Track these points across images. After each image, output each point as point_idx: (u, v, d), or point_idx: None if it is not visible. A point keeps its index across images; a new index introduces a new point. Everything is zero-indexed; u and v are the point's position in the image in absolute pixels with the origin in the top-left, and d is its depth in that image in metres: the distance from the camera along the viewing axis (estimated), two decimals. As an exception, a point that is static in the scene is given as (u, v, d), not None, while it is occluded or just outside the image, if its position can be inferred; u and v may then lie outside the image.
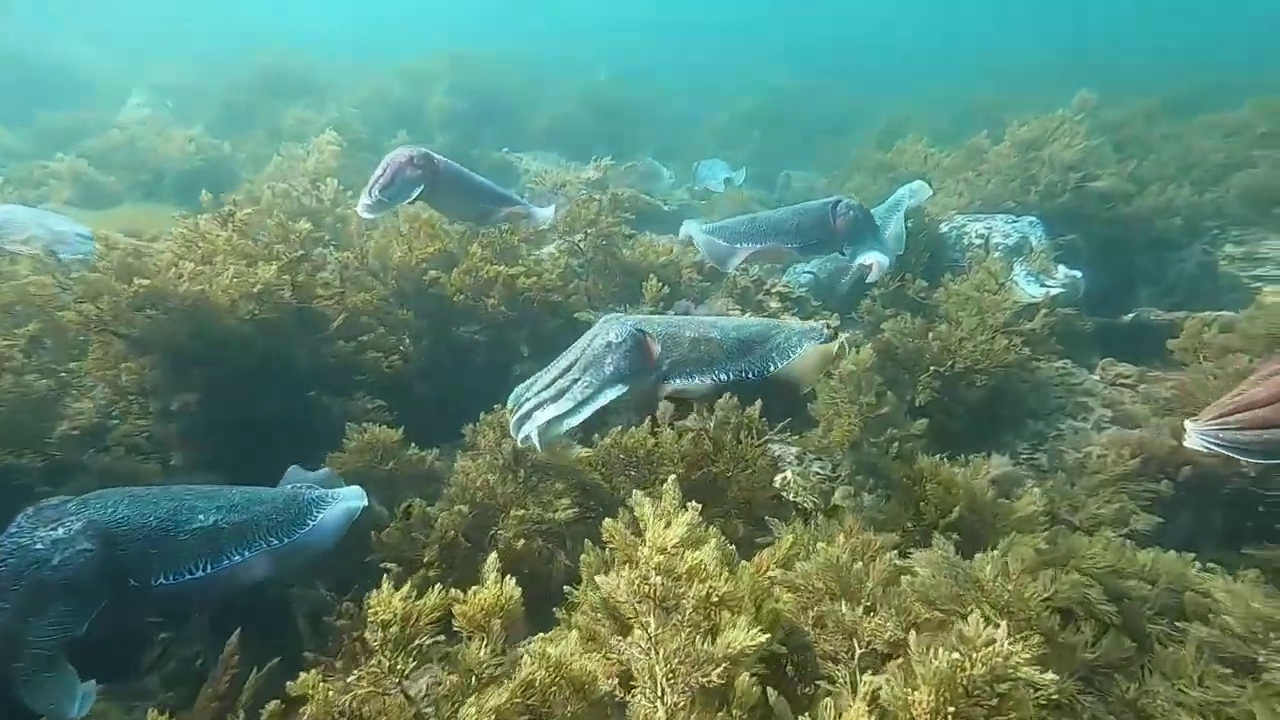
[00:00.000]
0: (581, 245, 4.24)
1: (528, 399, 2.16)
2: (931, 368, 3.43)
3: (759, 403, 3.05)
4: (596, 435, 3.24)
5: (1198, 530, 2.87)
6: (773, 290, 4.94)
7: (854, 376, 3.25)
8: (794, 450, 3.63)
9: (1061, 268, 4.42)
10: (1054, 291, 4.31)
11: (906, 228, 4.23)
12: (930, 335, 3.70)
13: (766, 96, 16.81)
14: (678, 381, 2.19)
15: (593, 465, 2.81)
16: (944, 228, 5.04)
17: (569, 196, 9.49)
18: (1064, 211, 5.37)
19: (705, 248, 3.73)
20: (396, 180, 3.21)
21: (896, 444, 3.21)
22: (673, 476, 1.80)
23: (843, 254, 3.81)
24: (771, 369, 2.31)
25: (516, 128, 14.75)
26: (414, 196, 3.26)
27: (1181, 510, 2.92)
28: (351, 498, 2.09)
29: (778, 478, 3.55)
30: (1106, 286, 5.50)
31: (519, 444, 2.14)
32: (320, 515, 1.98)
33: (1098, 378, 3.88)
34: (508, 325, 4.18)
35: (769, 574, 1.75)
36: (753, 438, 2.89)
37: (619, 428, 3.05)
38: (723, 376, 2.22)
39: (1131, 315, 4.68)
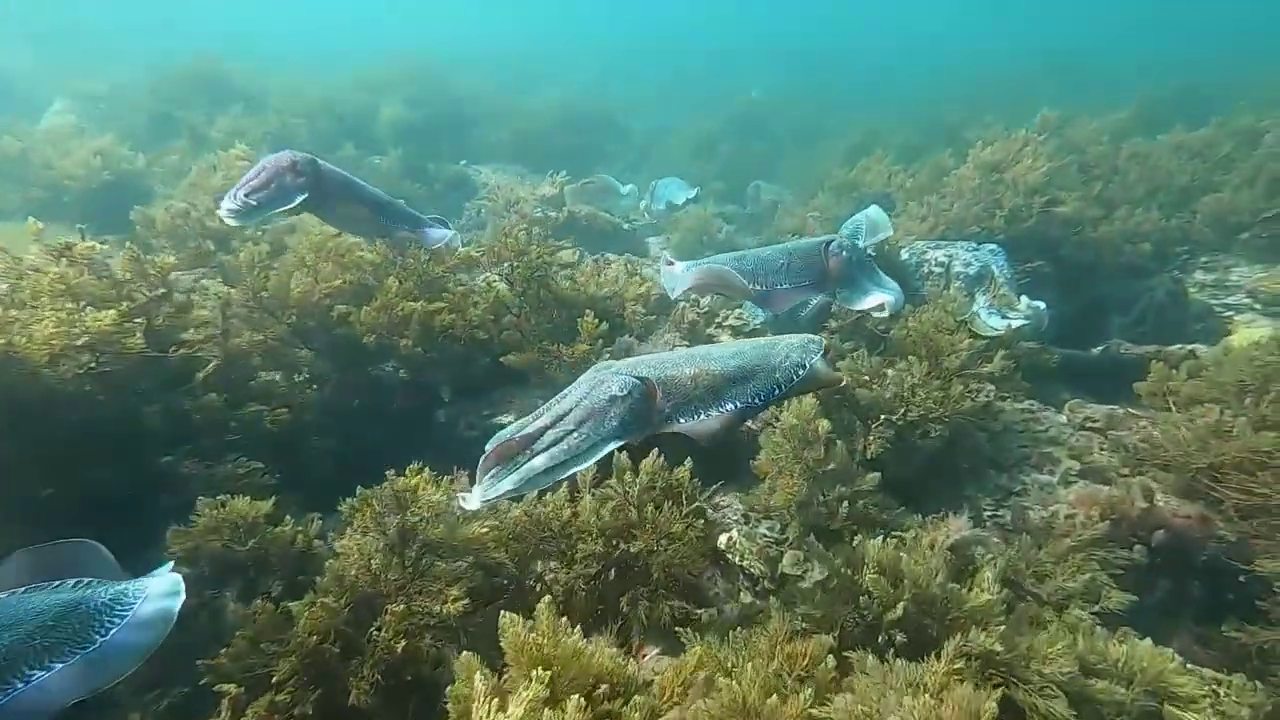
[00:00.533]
0: (511, 277, 3.95)
1: (510, 440, 1.95)
2: (883, 416, 3.22)
3: (689, 462, 2.80)
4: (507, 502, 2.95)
5: (1175, 600, 2.68)
6: (724, 323, 4.72)
7: (797, 430, 3.02)
8: (740, 507, 3.37)
9: (1024, 298, 4.29)
10: (1016, 324, 4.16)
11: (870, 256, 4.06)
12: (890, 373, 3.51)
13: (741, 108, 16.89)
14: (682, 421, 2.09)
15: (499, 541, 2.50)
16: (905, 254, 4.89)
17: (521, 214, 9.25)
18: (1030, 236, 5.29)
19: (679, 284, 3.57)
20: (273, 186, 2.92)
21: (846, 504, 2.98)
22: (547, 599, 1.51)
23: (834, 297, 3.65)
24: (777, 393, 2.21)
25: (478, 140, 14.52)
26: (292, 206, 2.97)
27: (1158, 578, 2.73)
28: (159, 595, 1.70)
29: (722, 537, 3.29)
30: (1076, 314, 5.43)
31: (472, 504, 1.86)
32: (114, 627, 1.60)
33: (1065, 419, 3.72)
34: (427, 366, 3.87)
35: (668, 714, 1.47)
36: (680, 505, 2.62)
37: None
38: (729, 407, 2.12)
39: (1101, 348, 4.57)
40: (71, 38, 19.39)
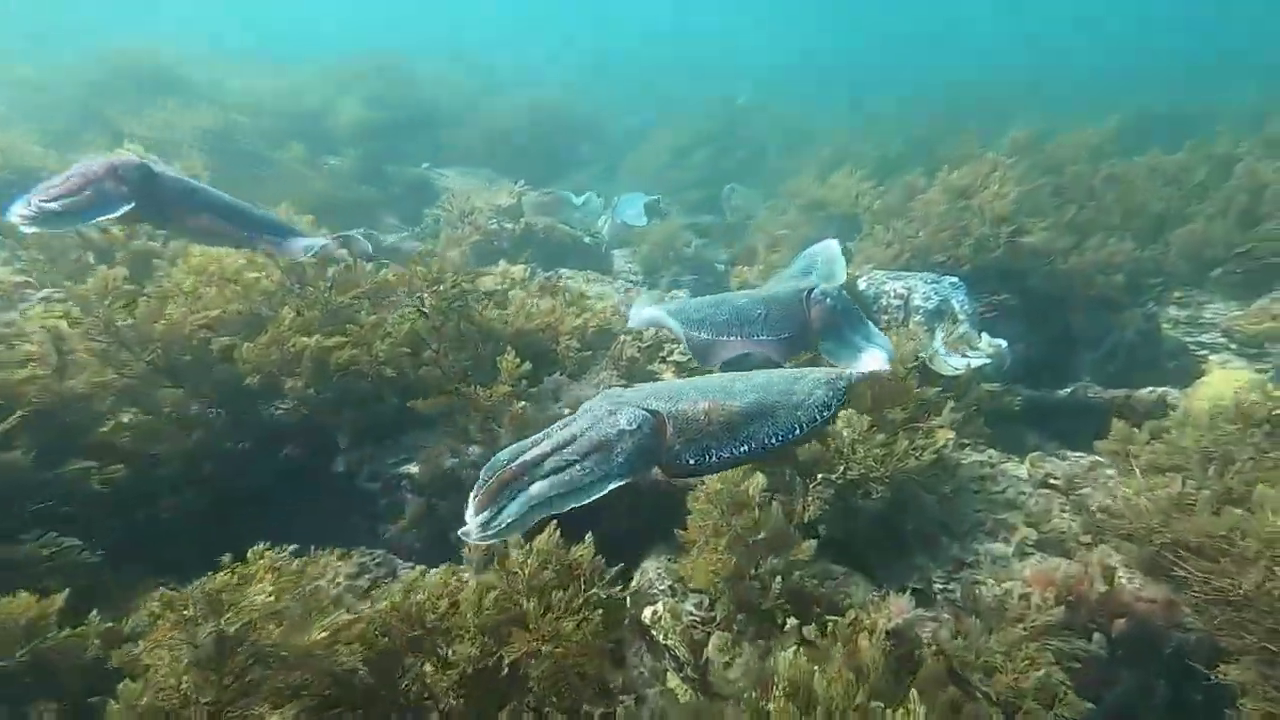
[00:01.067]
0: (424, 308, 3.62)
1: (509, 467, 1.85)
2: (820, 475, 2.95)
3: (589, 538, 2.49)
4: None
5: (1140, 700, 2.44)
6: (669, 358, 4.43)
7: (723, 495, 2.73)
8: (668, 579, 3.06)
9: (984, 336, 4.09)
10: (976, 363, 3.95)
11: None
12: (839, 420, 3.26)
13: (726, 113, 16.76)
14: (691, 461, 2.00)
15: (362, 641, 2.16)
16: (862, 284, 4.67)
17: (475, 225, 8.90)
18: (997, 267, 5.11)
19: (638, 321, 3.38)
20: (87, 193, 2.63)
21: (779, 578, 2.70)
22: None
23: (818, 351, 3.40)
24: (798, 433, 2.09)
25: (445, 141, 14.15)
26: (114, 217, 2.70)
27: (1120, 671, 2.48)
28: None
29: (648, 610, 3.00)
30: (1044, 351, 5.26)
31: (476, 534, 1.75)
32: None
33: (1025, 474, 3.49)
34: (324, 408, 3.51)
35: None
36: (579, 590, 2.31)
37: (400, 582, 2.44)
38: (743, 449, 2.02)
39: (1068, 391, 4.39)
40: (71, 35, 18.83)
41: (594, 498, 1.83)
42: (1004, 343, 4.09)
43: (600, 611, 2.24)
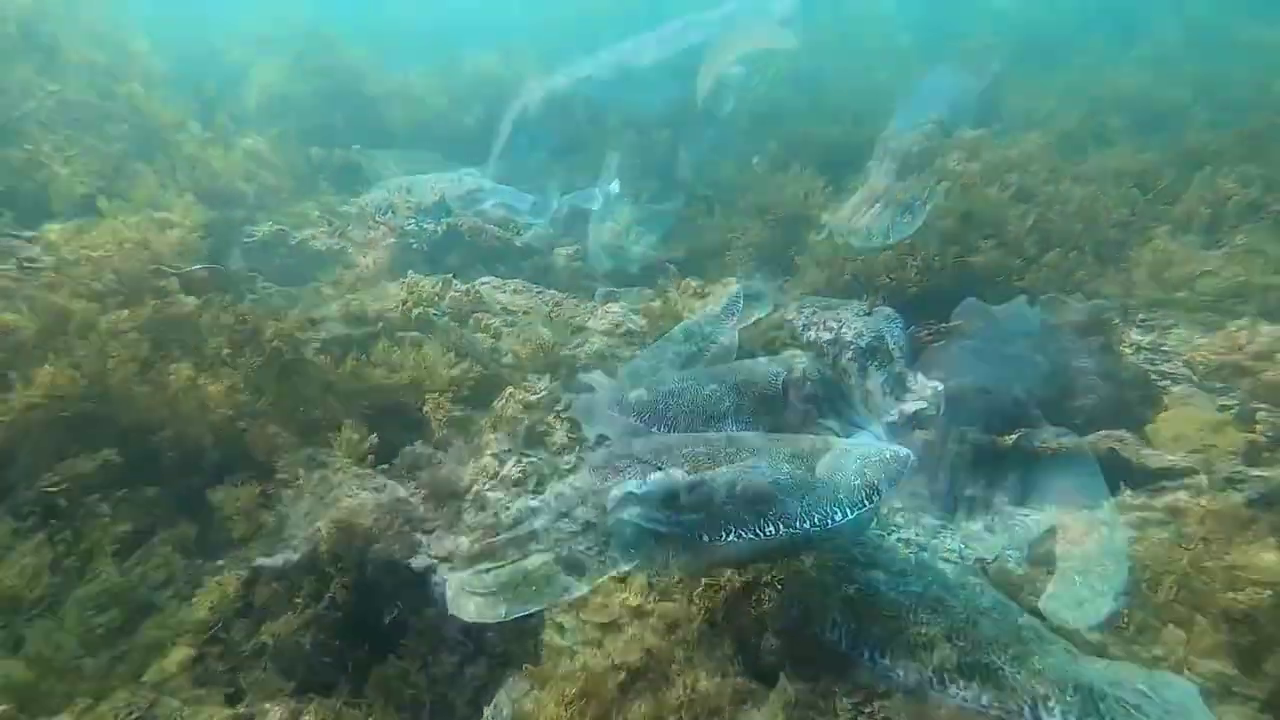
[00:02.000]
0: (224, 356, 3.02)
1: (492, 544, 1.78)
2: (704, 580, 2.51)
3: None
4: None
5: None
6: (566, 412, 3.93)
7: (584, 616, 2.27)
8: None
9: (919, 377, 3.71)
10: (911, 409, 3.59)
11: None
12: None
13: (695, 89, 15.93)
14: (705, 538, 1.83)
15: None
16: (791, 313, 4.25)
17: (389, 227, 8.18)
18: (945, 290, 4.72)
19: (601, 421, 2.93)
20: None
21: None
22: None
23: None
24: (839, 517, 1.84)
25: (385, 121, 13.23)
26: None
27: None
28: None
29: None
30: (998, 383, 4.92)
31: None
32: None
33: (955, 551, 3.12)
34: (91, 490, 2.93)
35: None
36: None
37: None
38: (769, 530, 1.84)
39: (1015, 436, 4.03)
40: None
41: (597, 582, 1.72)
42: (940, 384, 3.71)
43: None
